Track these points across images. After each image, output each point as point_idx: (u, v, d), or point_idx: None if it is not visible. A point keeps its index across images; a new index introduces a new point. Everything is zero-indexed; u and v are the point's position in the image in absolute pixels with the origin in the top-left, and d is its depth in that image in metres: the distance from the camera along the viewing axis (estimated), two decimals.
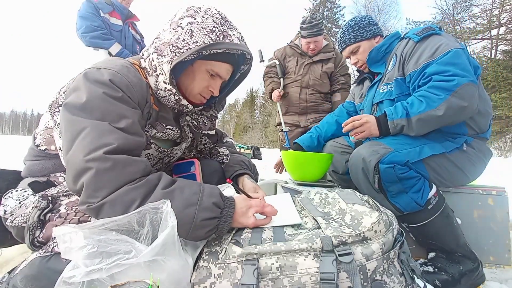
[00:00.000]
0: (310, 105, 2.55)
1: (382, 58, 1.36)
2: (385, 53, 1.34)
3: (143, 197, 0.62)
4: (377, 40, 1.39)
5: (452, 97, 1.00)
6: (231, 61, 0.84)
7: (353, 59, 1.43)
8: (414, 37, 1.19)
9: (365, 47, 1.37)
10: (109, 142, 0.63)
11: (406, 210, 1.05)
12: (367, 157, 1.05)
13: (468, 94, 1.00)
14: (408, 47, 1.21)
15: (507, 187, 1.21)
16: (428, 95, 1.04)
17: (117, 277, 0.52)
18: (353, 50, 1.40)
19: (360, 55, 1.39)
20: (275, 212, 0.74)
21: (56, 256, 0.64)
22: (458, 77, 1.01)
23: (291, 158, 1.45)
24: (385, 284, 0.60)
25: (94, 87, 0.68)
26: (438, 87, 1.03)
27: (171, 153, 0.93)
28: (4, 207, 0.73)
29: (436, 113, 1.02)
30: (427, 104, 1.03)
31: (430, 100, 1.03)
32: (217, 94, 0.88)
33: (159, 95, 0.82)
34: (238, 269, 0.60)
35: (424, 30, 1.18)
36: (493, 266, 1.17)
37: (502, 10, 8.92)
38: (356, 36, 1.37)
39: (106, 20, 2.30)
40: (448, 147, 1.09)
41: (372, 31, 1.37)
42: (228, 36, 0.78)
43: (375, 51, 1.34)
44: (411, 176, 1.02)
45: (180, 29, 0.76)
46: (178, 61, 0.75)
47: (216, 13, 0.79)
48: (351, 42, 1.38)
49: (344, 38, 1.41)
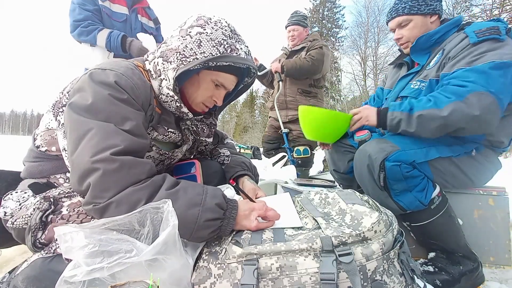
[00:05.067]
0: (289, 100, 2.68)
1: (429, 47, 1.19)
2: (435, 43, 1.17)
3: (148, 197, 0.62)
4: (433, 19, 1.19)
5: (461, 102, 0.94)
6: (236, 73, 0.85)
7: (397, 33, 1.24)
8: (472, 36, 1.03)
9: (417, 22, 1.18)
10: (115, 143, 0.63)
11: (409, 208, 1.04)
12: (373, 154, 1.04)
13: (480, 103, 0.92)
14: (460, 46, 1.05)
15: (507, 187, 1.20)
16: (438, 95, 1.00)
17: (118, 276, 0.52)
18: (402, 23, 1.21)
19: (407, 30, 1.21)
20: (277, 217, 0.74)
21: (58, 257, 0.64)
22: (473, 84, 0.94)
23: (309, 114, 1.27)
24: (385, 284, 0.60)
25: (100, 89, 0.68)
26: (450, 91, 0.97)
27: (172, 155, 0.93)
28: (4, 208, 0.73)
29: (440, 113, 0.95)
30: (434, 102, 0.98)
31: (439, 100, 0.98)
32: (221, 104, 0.89)
33: (161, 99, 0.82)
34: (238, 269, 0.60)
35: (487, 31, 1.01)
36: (493, 266, 1.17)
37: (502, 10, 8.92)
38: (412, 6, 1.17)
39: (105, 9, 1.88)
40: (456, 151, 1.06)
41: (433, 7, 1.17)
42: (235, 50, 0.79)
43: (426, 38, 1.17)
44: (416, 175, 1.01)
45: (189, 38, 0.76)
46: (184, 70, 0.75)
47: (226, 26, 0.79)
48: (404, 12, 1.19)
49: (398, 5, 1.21)
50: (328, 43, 20.59)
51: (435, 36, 1.16)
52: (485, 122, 0.95)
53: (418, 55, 1.23)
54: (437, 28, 1.17)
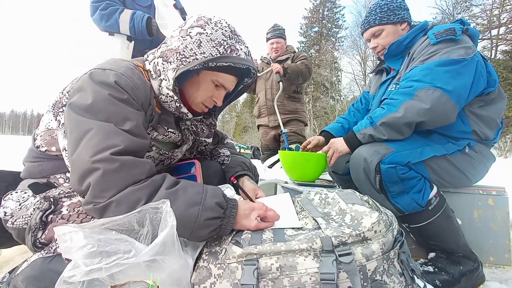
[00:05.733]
0: (278, 104, 2.84)
1: (401, 53, 1.28)
2: (405, 48, 1.26)
3: (148, 197, 0.63)
4: (403, 27, 1.29)
5: (411, 100, 1.03)
6: (236, 73, 0.85)
7: (373, 43, 1.34)
8: (432, 38, 1.12)
9: (389, 31, 1.28)
10: (115, 143, 0.64)
11: (407, 210, 1.05)
12: (368, 157, 1.05)
13: (429, 98, 1.00)
14: (421, 47, 1.15)
15: (507, 187, 1.20)
16: (389, 101, 1.10)
17: (117, 277, 0.52)
18: (375, 33, 1.31)
19: (381, 39, 1.30)
20: (277, 217, 0.74)
21: (59, 258, 0.64)
22: (417, 83, 1.03)
23: (288, 158, 1.45)
24: (385, 284, 0.60)
25: (100, 89, 0.68)
26: (399, 93, 1.08)
27: (172, 155, 0.93)
28: (4, 209, 0.73)
29: (396, 115, 1.04)
30: (387, 109, 1.08)
31: (391, 105, 1.08)
32: (221, 104, 0.89)
33: (161, 99, 0.82)
34: (238, 269, 0.60)
35: (444, 32, 1.10)
36: (493, 266, 1.17)
37: (502, 10, 8.93)
38: (382, 17, 1.27)
39: None
40: (449, 149, 1.09)
41: (401, 15, 1.27)
42: (235, 51, 0.79)
43: (396, 45, 1.26)
44: (412, 176, 1.02)
45: (189, 38, 0.77)
46: (183, 70, 0.75)
47: (226, 26, 0.79)
48: (376, 23, 1.29)
49: (369, 18, 1.31)
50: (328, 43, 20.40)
51: (404, 42, 1.25)
52: (439, 114, 1.02)
53: (391, 61, 1.33)
54: (405, 34, 1.25)
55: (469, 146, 1.12)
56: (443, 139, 1.12)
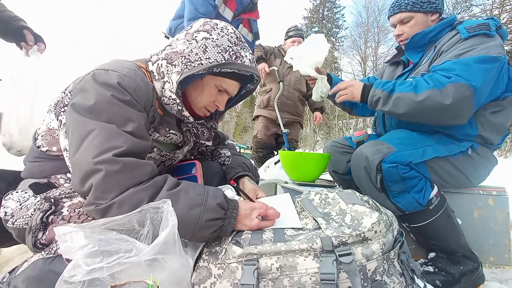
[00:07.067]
0: (289, 103, 2.92)
1: (423, 46, 1.21)
2: (429, 41, 1.19)
3: (150, 198, 0.63)
4: (434, 18, 1.21)
5: (438, 90, 0.96)
6: (239, 79, 0.85)
7: (398, 29, 1.25)
8: (464, 32, 1.06)
9: (418, 20, 1.19)
10: (118, 145, 0.64)
11: (408, 210, 1.04)
12: (370, 156, 1.04)
13: (457, 94, 0.95)
14: (452, 41, 1.08)
15: (507, 187, 1.21)
16: (420, 80, 1.02)
17: (117, 276, 0.52)
18: (404, 20, 1.21)
19: (408, 27, 1.21)
20: (277, 215, 0.74)
21: (59, 258, 0.64)
22: (456, 76, 0.96)
23: (288, 158, 1.45)
24: (385, 284, 0.60)
25: (102, 89, 0.68)
26: (434, 78, 1.00)
27: (173, 156, 0.93)
28: (4, 208, 0.73)
29: (416, 98, 0.99)
30: (414, 86, 1.01)
31: (419, 84, 1.01)
32: (223, 109, 0.90)
33: (163, 101, 0.82)
34: (238, 269, 0.60)
35: (477, 27, 1.04)
36: (493, 266, 1.17)
37: (502, 10, 8.92)
38: (415, 4, 1.18)
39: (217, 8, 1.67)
40: (452, 150, 1.07)
41: (435, 5, 1.18)
42: (240, 57, 0.79)
43: (420, 36, 1.19)
44: (413, 176, 1.02)
45: (195, 42, 0.77)
46: (188, 75, 0.75)
47: (231, 32, 0.80)
48: (407, 9, 1.19)
49: (400, 2, 1.21)
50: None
51: (429, 35, 1.18)
52: (455, 113, 0.98)
53: (412, 53, 1.25)
54: (432, 26, 1.18)
55: (472, 148, 1.10)
56: (446, 140, 1.10)
